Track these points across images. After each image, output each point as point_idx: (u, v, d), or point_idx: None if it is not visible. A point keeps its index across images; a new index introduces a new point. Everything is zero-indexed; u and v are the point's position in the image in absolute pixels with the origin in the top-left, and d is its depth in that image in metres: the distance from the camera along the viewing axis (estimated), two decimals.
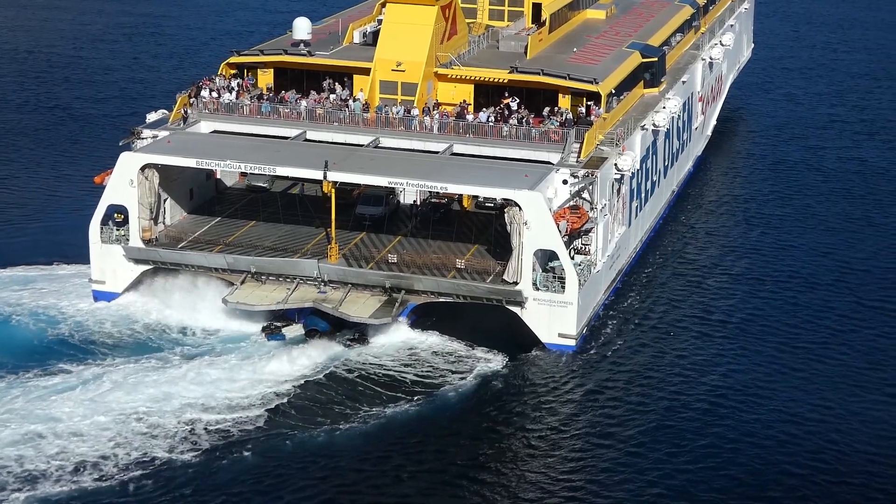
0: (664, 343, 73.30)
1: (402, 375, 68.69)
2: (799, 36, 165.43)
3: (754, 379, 68.90)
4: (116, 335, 72.90)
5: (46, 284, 77.90)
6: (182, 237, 76.86)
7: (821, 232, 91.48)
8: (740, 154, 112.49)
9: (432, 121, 78.47)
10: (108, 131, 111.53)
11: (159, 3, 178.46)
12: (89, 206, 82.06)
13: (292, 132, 79.80)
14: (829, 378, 68.91)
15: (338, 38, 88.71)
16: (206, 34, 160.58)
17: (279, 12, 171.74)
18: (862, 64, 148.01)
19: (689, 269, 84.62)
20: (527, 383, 68.44)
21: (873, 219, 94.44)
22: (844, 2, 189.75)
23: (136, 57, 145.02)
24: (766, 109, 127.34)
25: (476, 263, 73.64)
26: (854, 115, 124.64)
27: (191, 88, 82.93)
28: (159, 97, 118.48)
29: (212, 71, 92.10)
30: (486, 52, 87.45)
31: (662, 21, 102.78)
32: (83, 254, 77.70)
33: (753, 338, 73.88)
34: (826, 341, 73.45)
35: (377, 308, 71.16)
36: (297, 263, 73.17)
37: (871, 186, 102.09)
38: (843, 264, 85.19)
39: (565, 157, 75.45)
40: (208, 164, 74.48)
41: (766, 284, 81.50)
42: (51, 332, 72.59)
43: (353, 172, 72.69)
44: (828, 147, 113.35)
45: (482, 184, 71.82)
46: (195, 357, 69.81)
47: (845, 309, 77.83)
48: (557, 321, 70.45)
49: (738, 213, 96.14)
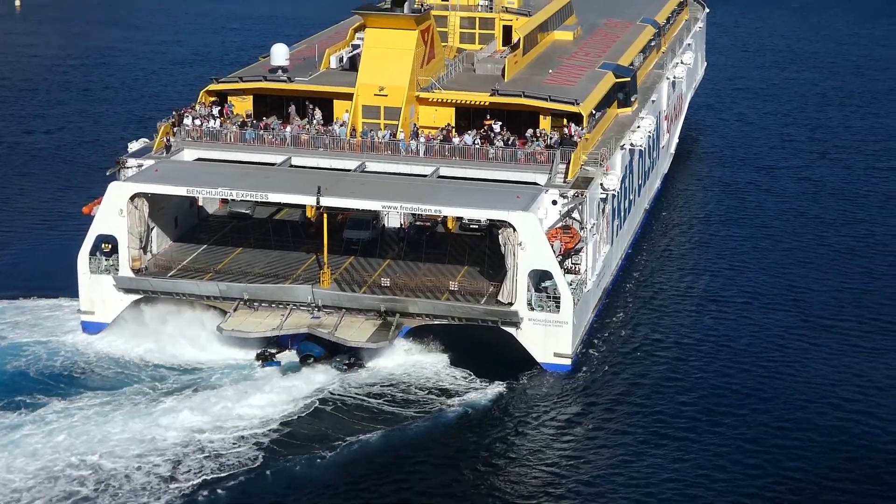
0: (654, 359, 74.17)
1: (400, 399, 68.83)
2: (748, 56, 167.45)
3: (749, 389, 70.15)
4: (108, 365, 72.47)
5: (31, 316, 77.32)
6: (171, 266, 76.69)
7: (774, 252, 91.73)
8: (696, 174, 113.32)
9: (418, 144, 78.91)
10: (80, 161, 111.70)
11: (120, 32, 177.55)
12: (67, 235, 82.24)
13: (277, 158, 79.92)
14: (789, 396, 69.69)
15: (314, 64, 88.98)
16: (171, 60, 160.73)
17: (240, 37, 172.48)
18: (811, 84, 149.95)
19: (667, 286, 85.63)
20: (525, 404, 68.86)
21: (825, 238, 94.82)
22: (792, 21, 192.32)
23: (106, 87, 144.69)
24: (718, 128, 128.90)
25: (468, 285, 74.15)
26: (804, 134, 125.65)
27: (172, 117, 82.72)
28: (131, 127, 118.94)
29: (183, 97, 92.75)
30: (464, 76, 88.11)
31: (628, 41, 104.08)
32: (65, 284, 77.41)
33: (732, 353, 75.24)
34: (784, 359, 73.96)
35: (373, 332, 71.42)
36: (291, 289, 73.26)
37: (822, 206, 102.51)
38: (796, 285, 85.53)
39: (552, 177, 76.16)
40: (199, 192, 74.44)
41: (728, 304, 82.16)
42: (40, 365, 72.02)
43: (347, 197, 72.99)
44: (780, 167, 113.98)
45: (476, 206, 72.40)
46: (189, 385, 69.68)
47: (801, 329, 78.21)
48: (553, 341, 71.08)
49: (704, 232, 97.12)
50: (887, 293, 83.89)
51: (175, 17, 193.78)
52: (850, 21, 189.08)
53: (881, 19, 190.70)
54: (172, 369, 71.95)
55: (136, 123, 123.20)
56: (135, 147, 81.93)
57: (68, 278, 76.47)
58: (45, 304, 79.11)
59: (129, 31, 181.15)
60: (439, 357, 72.79)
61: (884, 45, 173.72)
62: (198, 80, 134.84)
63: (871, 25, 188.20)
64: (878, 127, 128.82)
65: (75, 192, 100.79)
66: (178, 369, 71.91)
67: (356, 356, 71.89)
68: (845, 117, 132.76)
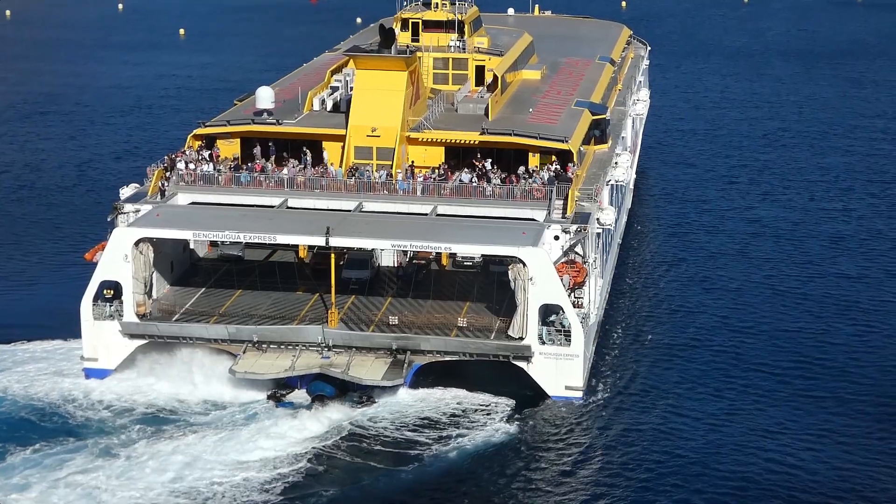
0: (660, 388, 75.65)
1: (413, 435, 69.42)
2: (689, 97, 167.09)
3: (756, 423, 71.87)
4: (116, 412, 72.00)
5: (33, 364, 76.69)
6: (174, 310, 76.56)
7: (720, 294, 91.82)
8: (650, 212, 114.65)
9: (415, 182, 79.83)
10: (68, 206, 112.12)
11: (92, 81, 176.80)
12: (61, 279, 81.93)
13: (274, 200, 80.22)
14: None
15: (297, 106, 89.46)
16: (153, 102, 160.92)
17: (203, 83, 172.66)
18: (753, 122, 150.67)
19: (652, 318, 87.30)
20: (541, 437, 69.67)
21: (770, 280, 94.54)
22: (735, 62, 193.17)
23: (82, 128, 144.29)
24: (663, 166, 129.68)
25: (476, 321, 75.05)
26: (745, 175, 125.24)
27: (164, 161, 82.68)
28: (114, 173, 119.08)
29: (166, 141, 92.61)
30: (448, 116, 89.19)
31: (594, 79, 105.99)
32: (62, 329, 77.86)
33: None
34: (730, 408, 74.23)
35: (386, 370, 71.95)
36: (302, 330, 73.55)
37: (767, 247, 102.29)
38: (737, 327, 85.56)
39: (550, 213, 77.46)
40: (206, 236, 74.56)
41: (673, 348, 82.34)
42: (46, 412, 71.56)
43: (355, 237, 73.63)
44: (726, 209, 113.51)
45: (484, 242, 73.39)
46: (202, 428, 69.65)
47: (742, 371, 78.59)
48: (564, 374, 72.20)
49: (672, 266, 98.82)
50: (830, 335, 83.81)
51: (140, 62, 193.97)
52: (793, 64, 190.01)
53: (821, 64, 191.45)
54: (182, 413, 71.79)
55: (111, 169, 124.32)
56: (127, 192, 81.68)
57: (57, 322, 77.43)
58: (43, 347, 78.73)
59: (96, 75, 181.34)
60: (449, 393, 73.47)
61: (825, 86, 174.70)
62: (179, 125, 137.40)
63: (814, 67, 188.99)
64: (821, 167, 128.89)
65: (71, 238, 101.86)
66: (188, 413, 71.79)
67: (368, 394, 72.34)
68: (790, 157, 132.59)
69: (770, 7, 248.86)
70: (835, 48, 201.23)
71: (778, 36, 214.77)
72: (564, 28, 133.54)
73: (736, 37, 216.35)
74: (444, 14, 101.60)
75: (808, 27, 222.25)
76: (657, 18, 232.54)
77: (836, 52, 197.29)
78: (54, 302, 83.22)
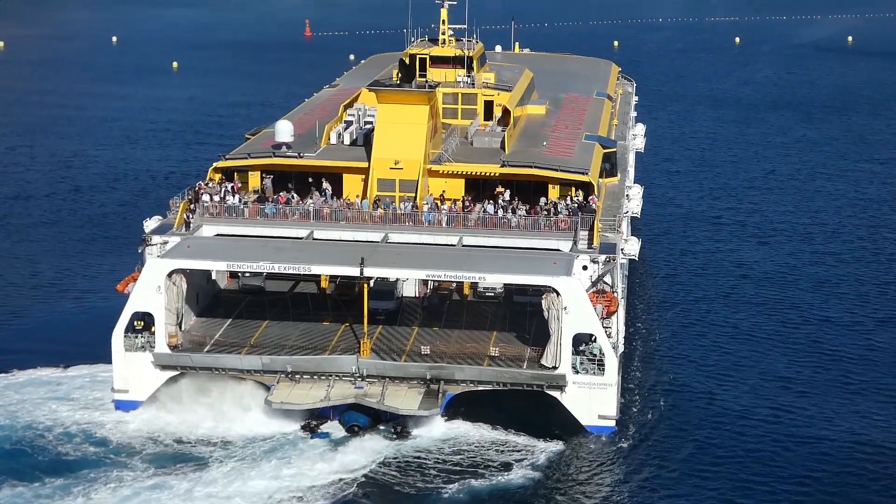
0: (688, 415, 76.67)
1: (451, 466, 69.98)
2: (675, 136, 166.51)
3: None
4: (151, 443, 72.07)
5: (63, 397, 76.57)
6: (204, 341, 76.70)
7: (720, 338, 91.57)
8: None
9: (440, 214, 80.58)
10: (84, 237, 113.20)
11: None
12: (79, 308, 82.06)
13: (300, 232, 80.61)
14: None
15: (312, 139, 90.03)
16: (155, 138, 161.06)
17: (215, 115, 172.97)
18: (741, 163, 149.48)
19: (669, 345, 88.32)
20: (578, 467, 70.37)
21: (761, 325, 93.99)
22: (720, 102, 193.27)
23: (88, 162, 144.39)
24: (649, 201, 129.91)
25: (506, 350, 75.69)
26: (732, 217, 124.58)
27: (188, 194, 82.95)
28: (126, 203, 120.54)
29: (178, 174, 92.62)
30: (465, 149, 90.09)
31: (596, 114, 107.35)
32: (84, 359, 78.94)
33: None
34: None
35: (422, 399, 72.37)
36: (336, 360, 73.90)
37: (758, 291, 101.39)
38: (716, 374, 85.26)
39: (576, 244, 78.38)
40: (240, 267, 74.87)
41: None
42: (76, 443, 71.55)
43: (389, 267, 74.28)
44: (715, 251, 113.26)
45: (518, 272, 74.12)
46: (238, 460, 69.80)
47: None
48: (598, 403, 72.92)
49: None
50: (818, 376, 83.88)
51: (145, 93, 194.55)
52: (782, 108, 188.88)
53: (811, 108, 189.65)
54: (217, 444, 71.91)
55: (130, 201, 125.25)
56: (151, 224, 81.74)
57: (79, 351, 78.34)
58: (74, 374, 79.13)
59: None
60: (482, 425, 73.87)
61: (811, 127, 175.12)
62: (198, 158, 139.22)
63: (802, 111, 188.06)
64: (807, 209, 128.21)
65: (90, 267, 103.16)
66: (223, 444, 71.87)
67: (402, 424, 72.68)
68: (776, 200, 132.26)
69: (759, 50, 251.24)
70: (824, 93, 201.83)
71: (767, 79, 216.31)
72: (555, 65, 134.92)
73: (724, 79, 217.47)
74: (451, 50, 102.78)
75: (797, 72, 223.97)
76: (647, 58, 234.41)
77: (825, 97, 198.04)
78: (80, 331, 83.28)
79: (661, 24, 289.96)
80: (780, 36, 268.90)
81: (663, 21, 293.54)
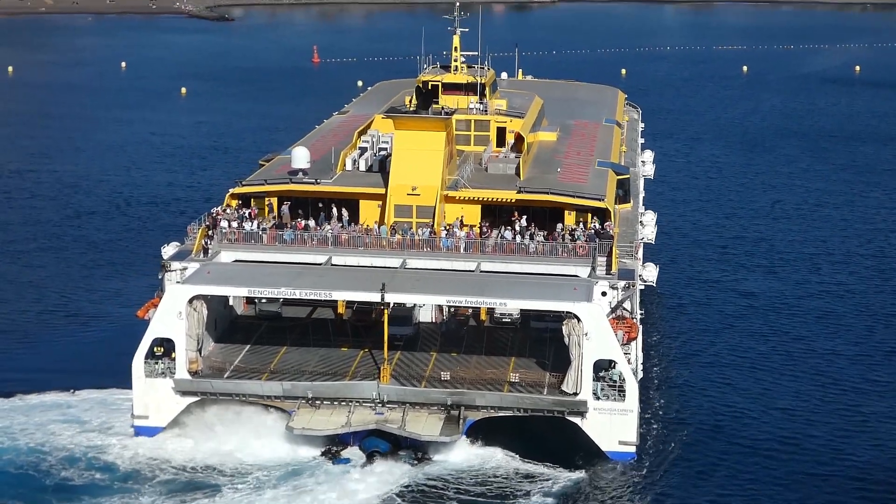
0: (708, 443, 76.77)
1: (473, 492, 70.06)
2: (682, 164, 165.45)
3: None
4: (171, 470, 72.06)
5: (78, 423, 76.52)
6: (224, 367, 76.79)
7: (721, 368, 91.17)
8: None
9: (457, 241, 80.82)
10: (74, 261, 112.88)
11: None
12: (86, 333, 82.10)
13: (318, 258, 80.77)
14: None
15: (328, 165, 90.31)
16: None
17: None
18: (747, 192, 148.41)
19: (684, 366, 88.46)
20: (602, 494, 70.43)
21: (764, 352, 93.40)
22: (726, 131, 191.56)
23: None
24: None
25: (526, 376, 75.81)
26: (738, 247, 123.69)
27: (206, 219, 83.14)
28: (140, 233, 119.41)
29: (184, 200, 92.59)
30: (480, 175, 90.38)
31: (607, 141, 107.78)
32: (100, 382, 79.32)
33: None
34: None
35: (443, 425, 72.43)
36: (356, 386, 74.00)
37: (765, 320, 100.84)
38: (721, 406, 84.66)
39: (595, 270, 78.60)
40: (262, 293, 74.95)
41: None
42: (97, 468, 71.68)
43: (410, 293, 74.45)
44: (719, 280, 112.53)
45: (539, 298, 74.33)
46: (260, 487, 69.85)
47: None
48: (619, 429, 72.99)
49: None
50: (818, 412, 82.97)
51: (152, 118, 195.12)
52: (789, 138, 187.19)
53: (819, 139, 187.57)
54: (238, 471, 71.93)
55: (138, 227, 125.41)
56: (169, 251, 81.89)
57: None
58: (84, 398, 79.16)
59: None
60: (503, 451, 73.83)
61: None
62: (204, 184, 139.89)
63: (810, 141, 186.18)
64: (811, 240, 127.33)
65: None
66: (244, 471, 71.91)
67: (423, 450, 72.73)
68: (782, 230, 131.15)
69: (767, 79, 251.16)
70: (831, 122, 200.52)
71: (774, 109, 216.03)
72: (562, 91, 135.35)
73: (731, 107, 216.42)
74: (463, 77, 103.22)
75: (804, 101, 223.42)
76: (654, 86, 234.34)
77: (832, 127, 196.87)
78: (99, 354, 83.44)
79: (667, 52, 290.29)
80: (787, 65, 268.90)
81: (671, 49, 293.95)
